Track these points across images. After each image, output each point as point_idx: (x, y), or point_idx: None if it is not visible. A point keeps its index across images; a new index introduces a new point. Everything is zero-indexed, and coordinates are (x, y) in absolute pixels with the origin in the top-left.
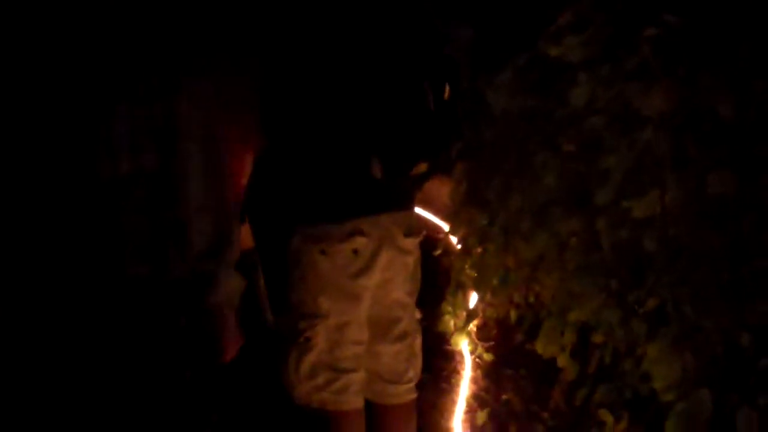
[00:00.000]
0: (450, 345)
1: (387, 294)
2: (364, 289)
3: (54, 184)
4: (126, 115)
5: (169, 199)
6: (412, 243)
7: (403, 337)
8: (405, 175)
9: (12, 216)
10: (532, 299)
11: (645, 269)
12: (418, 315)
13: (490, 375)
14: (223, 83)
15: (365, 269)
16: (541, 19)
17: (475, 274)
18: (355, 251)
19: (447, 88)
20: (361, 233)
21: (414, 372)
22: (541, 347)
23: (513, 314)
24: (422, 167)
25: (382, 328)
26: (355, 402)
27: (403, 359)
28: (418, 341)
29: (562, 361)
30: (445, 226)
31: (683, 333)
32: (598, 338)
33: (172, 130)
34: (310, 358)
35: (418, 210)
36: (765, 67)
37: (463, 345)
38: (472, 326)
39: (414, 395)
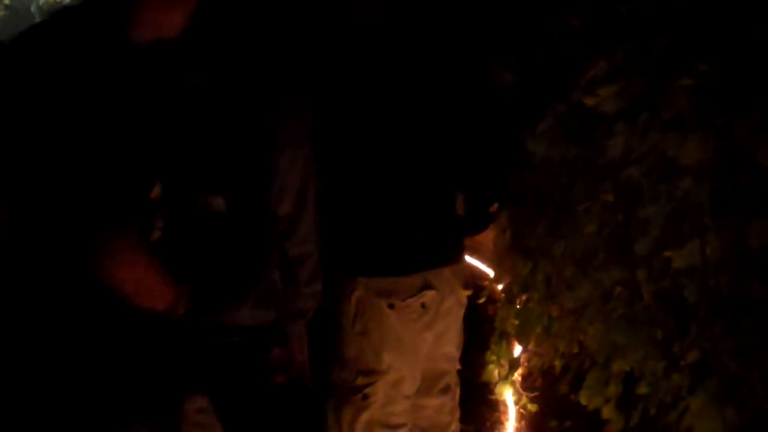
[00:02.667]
0: (494, 395)
1: (439, 347)
2: (426, 343)
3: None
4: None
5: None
6: (466, 295)
7: (447, 390)
8: (485, 213)
9: None
10: (576, 349)
11: (688, 320)
12: (458, 366)
13: (535, 426)
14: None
15: (430, 323)
16: (579, 65)
17: (518, 323)
18: (424, 305)
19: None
20: (431, 287)
21: (456, 425)
22: (585, 398)
23: (558, 364)
24: (495, 206)
25: (428, 381)
26: None
27: (447, 412)
28: (458, 393)
29: (607, 412)
30: (492, 273)
31: (726, 386)
32: (642, 389)
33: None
34: (366, 417)
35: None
36: None
37: (507, 395)
38: (517, 376)
39: None
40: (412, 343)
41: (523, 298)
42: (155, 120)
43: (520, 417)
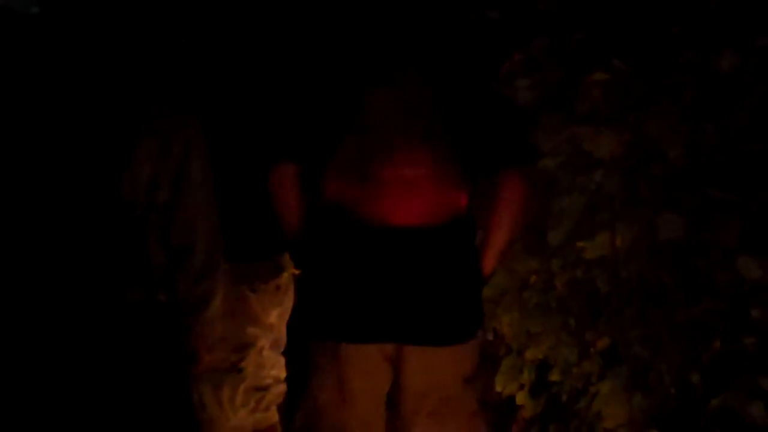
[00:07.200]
0: None
1: (282, 321)
2: (272, 317)
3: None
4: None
5: (177, 226)
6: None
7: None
8: None
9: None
10: (491, 337)
11: (600, 308)
12: None
13: None
14: None
15: (280, 302)
16: (499, 57)
17: None
18: (278, 287)
19: None
20: (283, 269)
21: None
22: (500, 385)
23: None
24: None
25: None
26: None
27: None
28: None
29: (521, 398)
30: None
31: (634, 373)
32: (555, 376)
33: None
34: (243, 387)
35: None
36: (713, 111)
37: None
38: None
39: None
40: (266, 318)
41: None
42: None
43: None
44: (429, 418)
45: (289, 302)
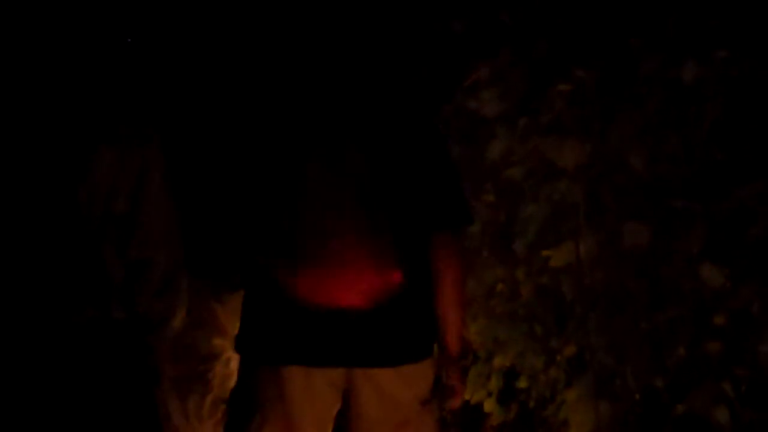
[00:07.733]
0: None
1: None
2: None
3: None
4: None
5: (136, 238)
6: None
7: None
8: None
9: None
10: None
11: (566, 316)
12: None
13: None
14: None
15: None
16: (464, 69)
17: None
18: None
19: None
20: None
21: None
22: (468, 393)
23: None
24: None
25: None
26: None
27: None
28: None
29: (489, 406)
30: None
31: (600, 380)
32: (522, 383)
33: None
34: (210, 398)
35: None
36: (675, 121)
37: None
38: None
39: None
40: (233, 329)
41: None
42: None
43: None
44: None
45: None
